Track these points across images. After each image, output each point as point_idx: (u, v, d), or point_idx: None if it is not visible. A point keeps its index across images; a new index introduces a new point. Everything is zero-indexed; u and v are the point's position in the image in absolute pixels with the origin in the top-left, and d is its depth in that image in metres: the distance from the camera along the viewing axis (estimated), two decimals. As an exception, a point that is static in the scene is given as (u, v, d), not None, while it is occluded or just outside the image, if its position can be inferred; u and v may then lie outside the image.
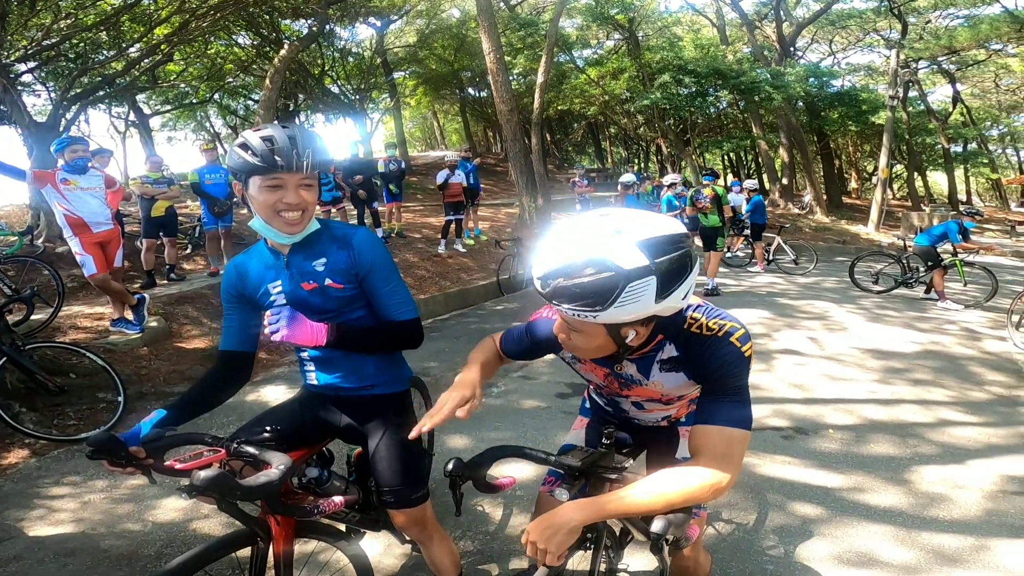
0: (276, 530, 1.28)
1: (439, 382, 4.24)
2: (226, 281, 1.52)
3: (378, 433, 1.51)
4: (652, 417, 1.46)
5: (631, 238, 0.94)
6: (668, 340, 1.15)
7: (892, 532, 2.40)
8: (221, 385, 1.48)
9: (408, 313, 1.47)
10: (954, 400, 3.98)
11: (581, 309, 0.94)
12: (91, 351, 3.68)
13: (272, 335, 1.33)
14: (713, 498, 1.01)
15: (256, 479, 0.97)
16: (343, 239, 1.44)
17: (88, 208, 4.39)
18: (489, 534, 2.36)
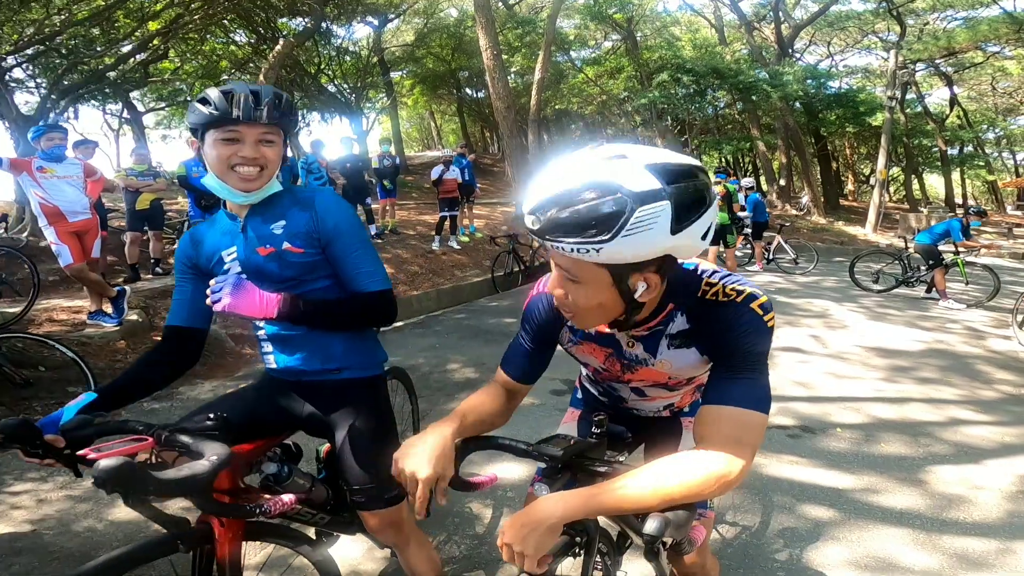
0: (220, 532, 1.11)
1: (428, 377, 4.07)
2: (180, 249, 1.37)
3: (345, 424, 1.33)
4: (653, 406, 1.29)
5: (638, 161, 0.76)
6: (679, 310, 0.98)
7: (911, 535, 2.24)
8: (163, 365, 1.30)
9: (377, 283, 1.30)
10: (964, 399, 3.83)
11: (582, 243, 0.75)
12: (62, 343, 3.49)
13: (213, 305, 1.17)
14: (720, 492, 0.83)
15: (177, 471, 0.80)
16: (306, 201, 1.28)
17: (64, 197, 4.24)
18: (477, 538, 2.19)
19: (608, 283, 0.83)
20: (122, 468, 0.75)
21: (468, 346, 4.96)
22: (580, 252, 0.77)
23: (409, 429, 2.37)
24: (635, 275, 0.82)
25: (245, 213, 1.29)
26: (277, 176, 1.29)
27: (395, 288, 6.80)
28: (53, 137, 4.26)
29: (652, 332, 1.02)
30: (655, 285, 0.85)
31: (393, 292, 1.34)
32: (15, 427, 0.99)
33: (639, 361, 1.08)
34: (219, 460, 0.84)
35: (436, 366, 4.36)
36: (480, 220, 10.74)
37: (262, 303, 1.18)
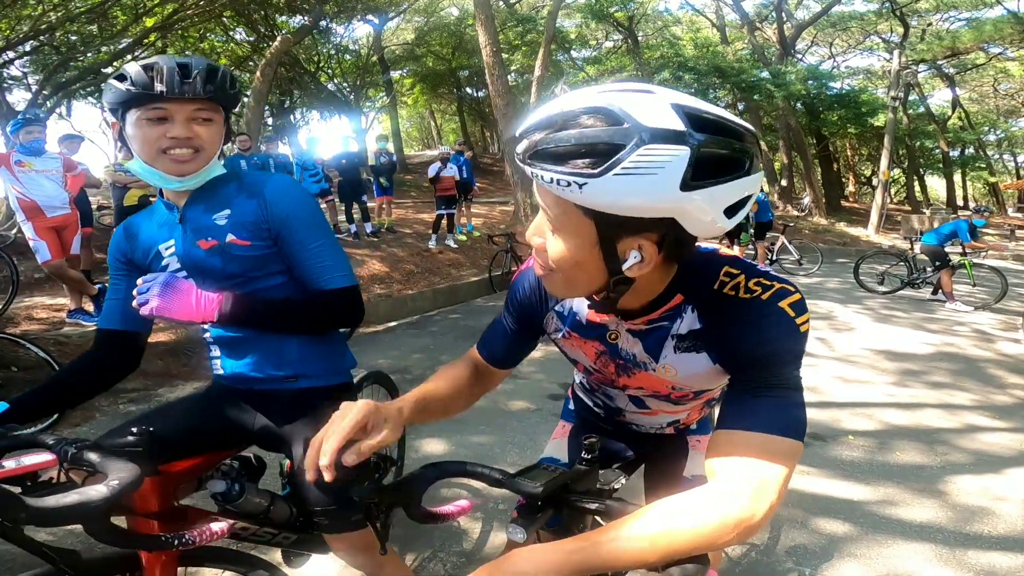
0: (148, 559, 0.95)
1: (420, 380, 3.88)
2: (114, 244, 1.20)
3: (303, 437, 1.17)
4: (655, 421, 1.10)
5: (665, 98, 0.60)
6: (689, 304, 0.80)
7: (934, 551, 2.08)
8: (93, 373, 1.14)
9: (339, 280, 1.13)
10: (979, 404, 3.68)
11: (566, 173, 0.59)
12: (35, 343, 3.34)
13: (139, 308, 1.00)
14: (739, 540, 0.65)
15: (60, 498, 0.64)
16: (254, 187, 1.12)
17: (42, 191, 4.11)
18: (464, 555, 2.03)
19: (592, 241, 0.65)
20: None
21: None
22: (561, 186, 0.60)
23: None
24: (627, 238, 0.65)
25: (184, 201, 1.13)
26: (220, 160, 1.14)
27: (390, 287, 6.72)
28: (32, 130, 4.16)
29: (654, 328, 0.83)
30: (651, 259, 0.66)
31: (359, 290, 1.17)
32: (-98, 441, 0.83)
33: (637, 364, 0.89)
34: (119, 485, 0.68)
35: (429, 367, 4.20)
36: (478, 219, 10.59)
37: (199, 305, 1.02)
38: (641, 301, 0.79)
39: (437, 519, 0.82)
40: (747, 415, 0.70)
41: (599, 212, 0.62)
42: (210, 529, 0.88)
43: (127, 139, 1.08)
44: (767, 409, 0.69)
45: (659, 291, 0.78)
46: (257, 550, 1.26)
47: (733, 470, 0.67)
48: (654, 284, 0.77)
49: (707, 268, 0.78)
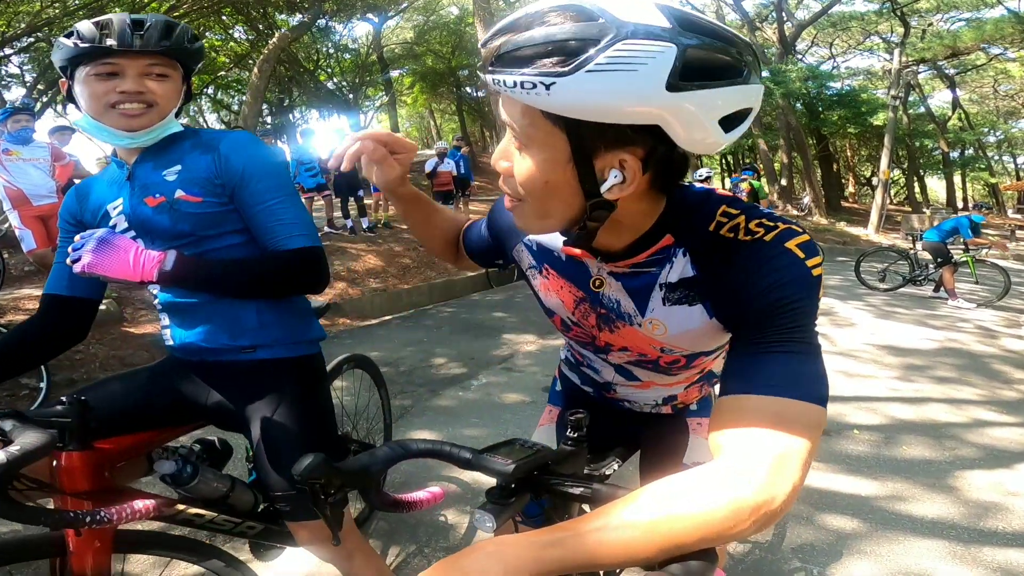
0: (76, 543, 0.85)
1: (412, 373, 3.80)
2: (65, 206, 1.13)
3: (262, 416, 1.06)
4: (649, 396, 0.98)
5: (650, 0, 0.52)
6: (681, 247, 0.69)
7: (947, 547, 1.98)
8: (36, 341, 1.05)
9: (299, 239, 1.03)
10: (985, 399, 3.58)
11: (532, 74, 0.51)
12: (13, 332, 3.23)
13: (72, 265, 0.91)
14: (756, 529, 0.52)
15: None
16: (209, 142, 1.03)
17: (29, 180, 4.06)
18: (451, 550, 1.92)
19: (565, 156, 0.56)
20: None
21: (457, 340, 4.69)
22: (526, 89, 0.51)
23: (379, 427, 2.12)
24: (606, 153, 0.56)
25: (135, 158, 1.04)
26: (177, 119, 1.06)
27: (385, 282, 6.62)
28: (20, 119, 4.12)
29: (639, 272, 0.72)
30: (634, 179, 0.57)
31: (323, 252, 1.07)
32: None
33: (621, 315, 0.77)
34: (20, 452, 0.59)
35: (422, 360, 4.10)
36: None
37: (136, 263, 0.92)
38: (624, 240, 0.69)
39: (402, 507, 0.71)
40: (757, 376, 0.57)
41: (571, 120, 0.53)
42: (132, 507, 0.78)
43: (76, 97, 1.01)
44: (781, 368, 0.57)
45: (645, 228, 0.67)
46: (215, 540, 1.16)
47: (745, 443, 0.54)
48: (639, 218, 0.66)
49: (702, 207, 0.67)
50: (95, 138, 1.03)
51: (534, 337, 4.67)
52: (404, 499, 0.72)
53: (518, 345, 4.51)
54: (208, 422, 1.17)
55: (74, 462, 0.83)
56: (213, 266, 0.99)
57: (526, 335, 4.76)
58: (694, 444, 1.05)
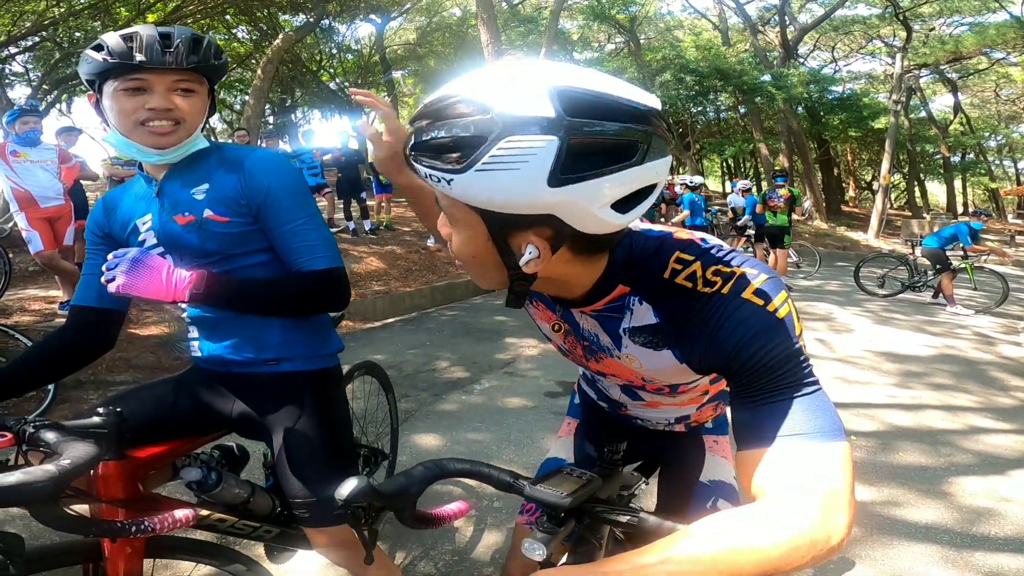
0: (111, 549, 0.90)
1: (415, 376, 3.85)
2: (92, 218, 1.15)
3: (284, 425, 1.11)
4: (660, 416, 1.00)
5: (544, 79, 0.54)
6: (636, 295, 0.71)
7: (940, 552, 2.02)
8: (65, 352, 1.08)
9: (322, 260, 1.07)
10: (981, 406, 3.63)
11: (435, 169, 0.55)
12: (23, 334, 3.28)
13: (107, 285, 0.94)
14: (813, 564, 0.53)
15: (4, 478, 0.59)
16: (235, 160, 1.06)
17: (36, 182, 4.08)
18: (456, 553, 1.97)
19: (484, 235, 0.60)
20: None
21: (459, 344, 4.74)
22: (434, 181, 0.57)
23: (386, 432, 2.16)
24: (517, 232, 0.59)
25: (163, 175, 1.07)
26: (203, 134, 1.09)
27: (388, 284, 6.66)
28: (27, 121, 4.14)
29: (605, 315, 0.74)
30: (547, 255, 0.60)
31: (344, 272, 1.11)
32: None
33: (601, 347, 0.80)
34: (71, 465, 0.63)
35: (424, 364, 4.15)
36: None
37: (169, 283, 0.96)
38: (576, 292, 0.71)
39: (430, 523, 0.75)
40: (768, 430, 0.59)
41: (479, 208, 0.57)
42: (172, 516, 0.82)
43: (103, 111, 1.03)
44: (787, 416, 0.58)
45: (591, 283, 0.70)
46: (237, 544, 1.21)
47: (789, 484, 0.55)
48: (578, 277, 0.68)
49: (656, 256, 0.69)
50: (123, 154, 1.06)
51: (535, 341, 4.72)
52: (433, 514, 0.75)
53: (520, 349, 4.55)
54: (231, 430, 1.21)
55: (110, 471, 0.87)
56: (241, 287, 1.03)
57: (527, 339, 4.81)
58: (711, 462, 1.07)
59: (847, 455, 0.57)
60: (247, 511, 1.11)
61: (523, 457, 2.71)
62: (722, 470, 1.07)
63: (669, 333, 0.70)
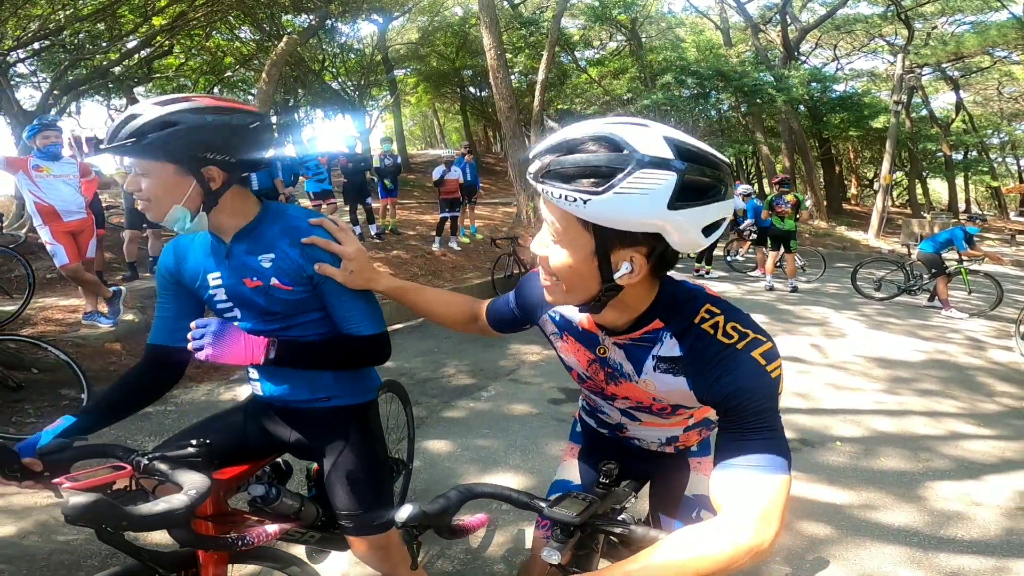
0: (204, 557, 1.09)
1: (424, 384, 4.04)
2: (162, 264, 1.31)
3: (335, 451, 1.31)
4: (652, 435, 1.20)
5: (658, 132, 0.74)
6: (669, 331, 0.90)
7: (907, 553, 2.21)
8: (144, 386, 1.27)
9: (370, 327, 1.25)
10: (964, 412, 3.80)
11: (572, 191, 0.72)
12: (54, 345, 3.47)
13: (196, 352, 1.12)
14: (752, 564, 0.76)
15: (153, 506, 0.77)
16: (296, 232, 1.20)
17: (59, 196, 4.20)
18: (471, 553, 2.16)
19: (590, 250, 0.78)
20: (94, 505, 0.73)
21: (467, 351, 4.93)
22: (568, 201, 0.73)
23: (404, 439, 2.35)
24: (620, 249, 0.77)
25: (230, 237, 1.22)
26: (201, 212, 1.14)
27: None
28: (48, 135, 4.20)
29: (636, 345, 0.94)
30: (640, 269, 0.79)
31: (387, 335, 1.29)
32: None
33: (623, 374, 0.99)
34: (198, 494, 0.82)
35: (434, 372, 4.34)
36: (481, 221, 10.71)
37: (248, 350, 1.15)
38: (625, 319, 0.90)
39: (460, 534, 0.95)
40: (737, 458, 0.79)
41: (597, 226, 0.75)
42: (265, 531, 1.02)
43: None
44: (754, 450, 0.79)
45: (641, 310, 0.89)
46: (286, 547, 1.40)
47: (738, 505, 0.76)
48: (638, 301, 0.88)
49: (690, 303, 0.89)
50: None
51: (539, 348, 4.90)
52: (463, 526, 0.95)
53: (524, 356, 4.74)
54: (288, 452, 1.41)
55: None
56: (304, 351, 1.21)
57: (531, 346, 5.00)
58: (694, 479, 1.26)
59: (785, 486, 0.78)
60: (297, 519, 1.30)
61: (529, 463, 2.90)
62: (703, 486, 1.26)
63: (689, 366, 0.88)
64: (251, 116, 1.12)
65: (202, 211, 1.13)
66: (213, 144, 1.07)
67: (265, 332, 1.22)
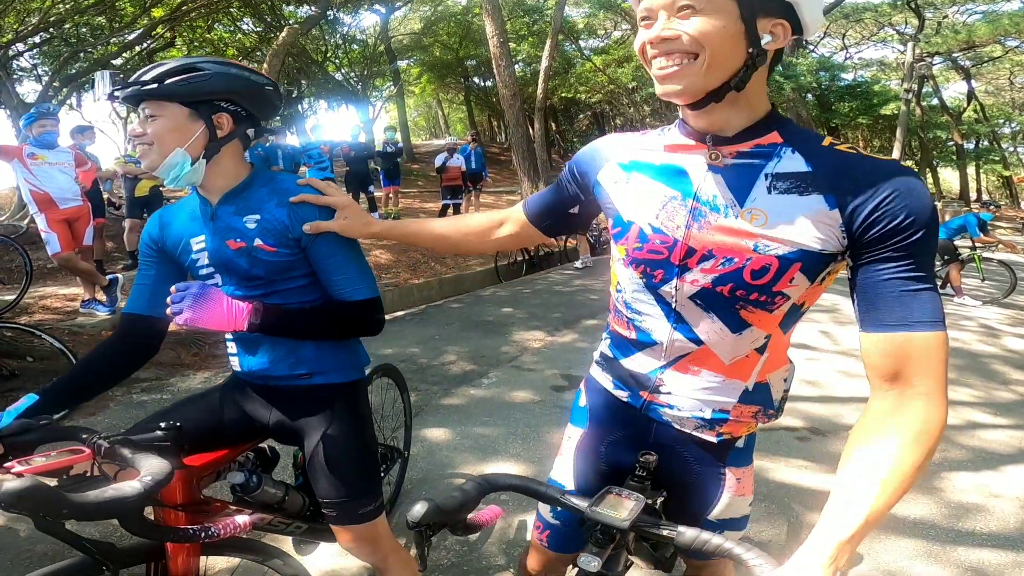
0: (173, 548, 1.01)
1: (424, 371, 3.97)
2: (147, 232, 1.25)
3: (316, 433, 1.22)
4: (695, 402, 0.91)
5: None
6: (789, 146, 0.79)
7: (924, 547, 2.12)
8: (117, 359, 1.19)
9: (361, 292, 1.18)
10: (980, 400, 3.69)
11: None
12: (48, 333, 3.42)
13: (174, 317, 1.06)
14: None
15: (100, 493, 0.69)
16: (285, 194, 1.16)
17: (55, 184, 4.18)
18: (467, 544, 2.09)
19: (736, 16, 0.74)
20: (29, 490, 0.65)
21: (468, 337, 4.85)
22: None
23: (401, 427, 2.28)
24: (763, 19, 0.75)
25: (217, 199, 1.17)
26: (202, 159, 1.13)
27: (396, 276, 6.78)
28: (45, 124, 4.20)
29: (744, 164, 0.80)
30: (781, 37, 0.76)
31: (380, 301, 1.21)
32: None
33: (715, 207, 0.81)
34: (152, 481, 0.74)
35: (433, 358, 4.26)
36: (485, 209, 10.62)
37: (230, 315, 1.08)
38: (738, 122, 0.81)
39: (475, 529, 0.86)
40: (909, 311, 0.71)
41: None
42: (235, 522, 0.94)
43: None
44: (930, 302, 0.71)
45: (758, 115, 0.81)
46: (270, 539, 1.33)
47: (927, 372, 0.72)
48: (758, 100, 0.81)
49: (809, 131, 0.83)
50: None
51: (542, 335, 4.82)
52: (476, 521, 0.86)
53: (526, 342, 4.66)
54: (270, 437, 1.32)
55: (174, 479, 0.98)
56: (291, 317, 1.14)
57: (534, 332, 4.92)
58: (727, 500, 0.97)
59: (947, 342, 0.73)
60: (281, 509, 1.22)
61: (530, 451, 2.82)
62: (737, 510, 0.99)
63: (826, 181, 0.76)
64: (267, 80, 1.16)
65: (202, 158, 1.12)
66: (230, 92, 1.12)
67: (245, 298, 1.15)
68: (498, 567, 1.97)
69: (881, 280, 0.73)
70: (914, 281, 0.72)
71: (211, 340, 4.37)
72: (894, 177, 0.73)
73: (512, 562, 1.99)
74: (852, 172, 0.75)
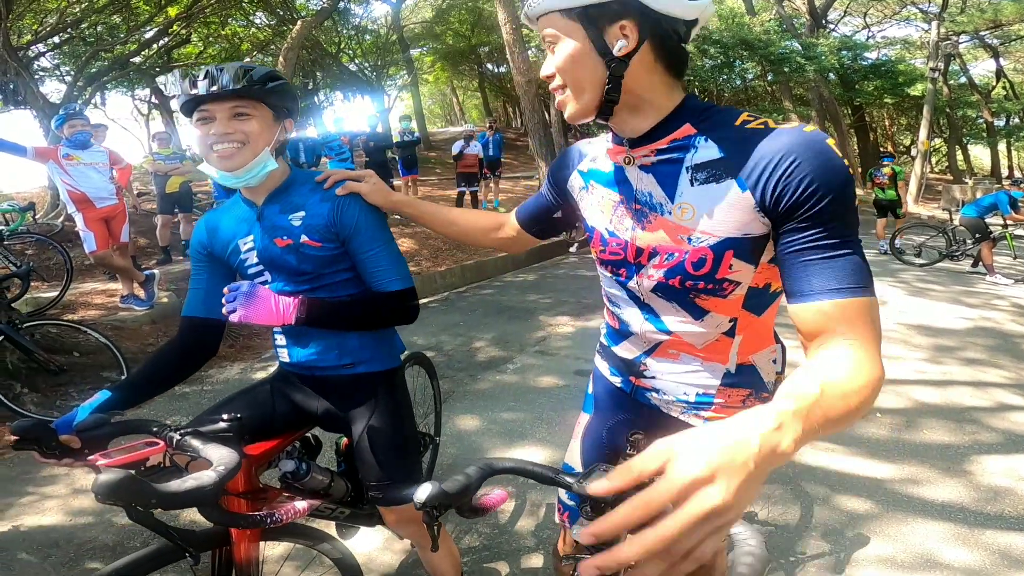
0: (237, 535, 1.09)
1: (452, 358, 4.04)
2: (195, 237, 1.33)
3: (362, 419, 1.30)
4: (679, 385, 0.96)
5: None
6: (702, 136, 0.80)
7: (953, 530, 2.13)
8: (180, 359, 1.27)
9: (396, 283, 1.24)
10: (1012, 382, 3.63)
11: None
12: (93, 328, 3.57)
13: (228, 315, 1.13)
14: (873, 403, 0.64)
15: (181, 483, 0.76)
16: (327, 192, 1.23)
17: (91, 183, 4.31)
18: (497, 527, 2.16)
19: (581, 35, 0.77)
20: (122, 482, 0.71)
21: (493, 323, 4.91)
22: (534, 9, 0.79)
23: (431, 413, 2.35)
24: (610, 26, 0.76)
25: (262, 200, 1.24)
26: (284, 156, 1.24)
27: (419, 264, 6.85)
28: (75, 124, 4.29)
29: (665, 160, 0.83)
30: (634, 39, 0.76)
31: (415, 291, 1.28)
32: (29, 428, 0.97)
33: (653, 206, 0.85)
34: (226, 470, 0.80)
35: (460, 345, 4.33)
36: (503, 195, 10.66)
37: (279, 311, 1.14)
38: (648, 122, 0.83)
39: (481, 512, 0.91)
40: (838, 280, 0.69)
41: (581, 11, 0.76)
42: (295, 507, 1.02)
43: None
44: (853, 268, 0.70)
45: (666, 110, 0.82)
46: (316, 524, 1.41)
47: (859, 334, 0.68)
48: (656, 96, 0.81)
49: (725, 110, 0.82)
50: (210, 178, 1.24)
51: (568, 319, 4.86)
52: (482, 505, 0.92)
53: (552, 327, 4.70)
54: (317, 426, 1.40)
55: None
56: (334, 310, 1.20)
57: (560, 317, 4.95)
58: None
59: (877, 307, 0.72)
60: (327, 494, 1.30)
61: (555, 436, 2.87)
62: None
63: (736, 163, 0.76)
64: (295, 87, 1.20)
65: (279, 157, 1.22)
66: (293, 101, 1.21)
67: (295, 293, 1.22)
68: (527, 548, 2.04)
69: (798, 250, 0.72)
70: (831, 248, 0.71)
71: (245, 333, 4.50)
72: (794, 145, 0.72)
73: (541, 544, 2.06)
74: (756, 149, 0.74)
